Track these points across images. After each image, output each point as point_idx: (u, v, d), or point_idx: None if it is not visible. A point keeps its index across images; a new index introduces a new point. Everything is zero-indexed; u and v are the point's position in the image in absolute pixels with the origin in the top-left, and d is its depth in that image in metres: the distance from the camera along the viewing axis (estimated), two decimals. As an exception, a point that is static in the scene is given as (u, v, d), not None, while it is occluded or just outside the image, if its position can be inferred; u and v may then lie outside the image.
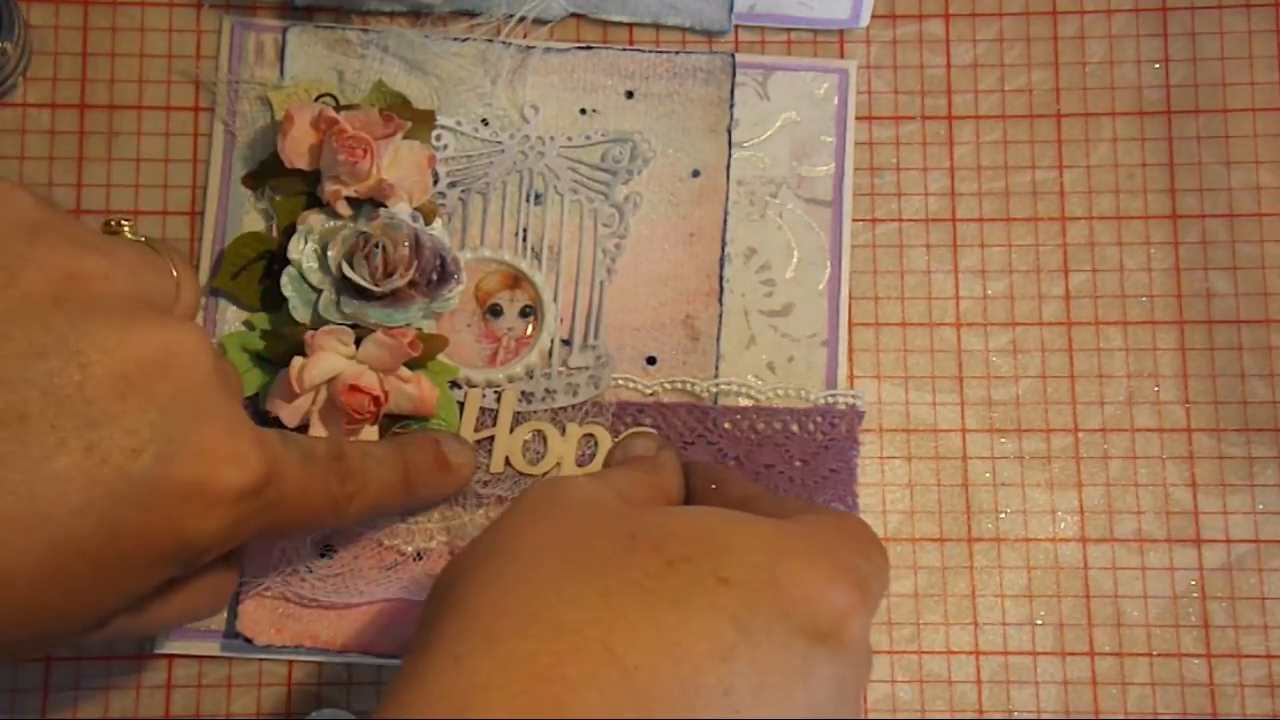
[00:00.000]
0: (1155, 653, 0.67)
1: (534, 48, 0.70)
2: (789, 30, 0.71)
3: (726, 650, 0.43)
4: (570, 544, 0.47)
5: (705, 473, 0.63)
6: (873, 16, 0.71)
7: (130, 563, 0.47)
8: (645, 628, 0.43)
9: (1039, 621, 0.68)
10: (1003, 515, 0.68)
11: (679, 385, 0.68)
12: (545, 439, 0.67)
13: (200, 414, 0.49)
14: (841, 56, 0.71)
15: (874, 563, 0.50)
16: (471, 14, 0.70)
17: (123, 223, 0.58)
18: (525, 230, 0.68)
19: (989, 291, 0.70)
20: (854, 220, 0.70)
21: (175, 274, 0.56)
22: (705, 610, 0.44)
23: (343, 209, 0.65)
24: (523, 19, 0.70)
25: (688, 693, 0.42)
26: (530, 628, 0.43)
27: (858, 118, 0.71)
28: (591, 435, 0.67)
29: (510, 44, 0.70)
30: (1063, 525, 0.68)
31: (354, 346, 0.64)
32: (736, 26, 0.71)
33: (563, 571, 0.45)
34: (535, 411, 0.67)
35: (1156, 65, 0.71)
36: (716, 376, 0.68)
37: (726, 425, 0.67)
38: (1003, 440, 0.69)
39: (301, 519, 0.56)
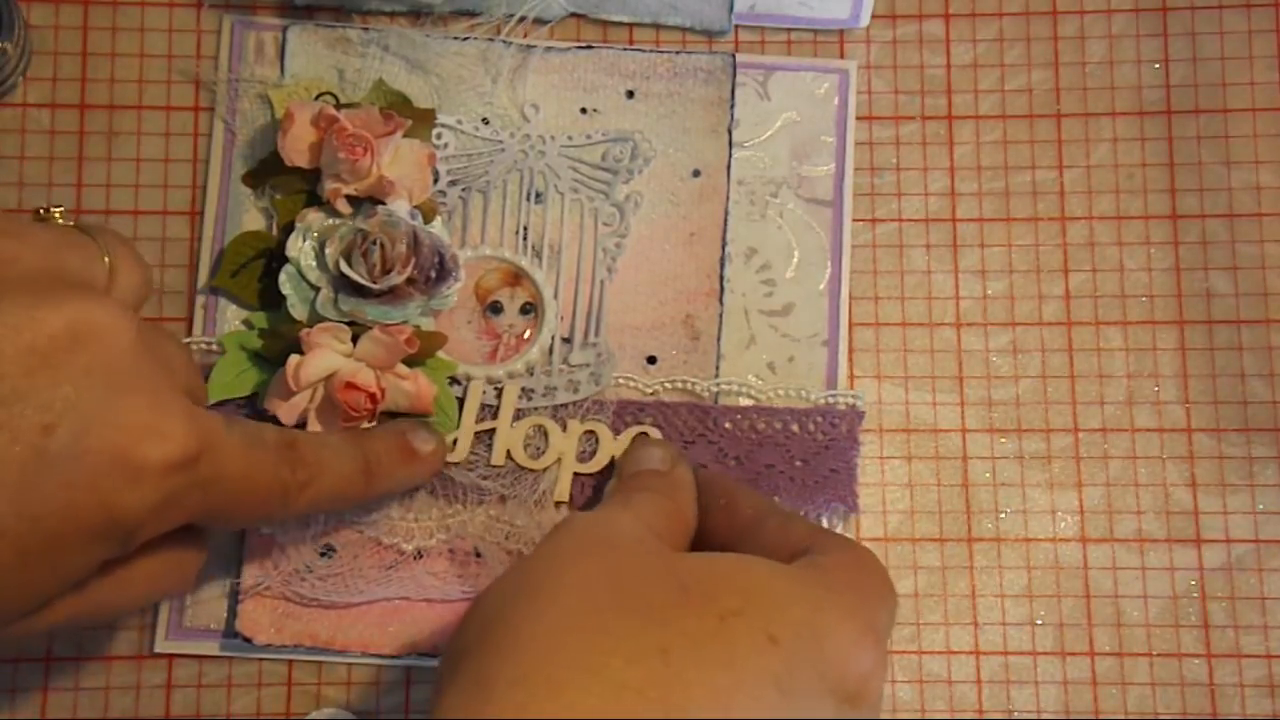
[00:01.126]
0: (1155, 653, 0.67)
1: (534, 47, 0.70)
2: (789, 30, 0.71)
3: (770, 714, 0.43)
4: (622, 589, 0.47)
5: (714, 488, 0.63)
6: (873, 16, 0.71)
7: (58, 543, 0.47)
8: (700, 690, 0.43)
9: (1039, 621, 0.68)
10: (1003, 515, 0.68)
11: (679, 385, 0.68)
12: (546, 434, 0.67)
13: (118, 387, 0.48)
14: (841, 57, 0.71)
15: (888, 609, 0.51)
16: (472, 13, 0.70)
17: (53, 209, 0.57)
18: (526, 229, 0.68)
19: (989, 291, 0.70)
20: (854, 220, 0.70)
21: (107, 259, 0.55)
22: (754, 672, 0.44)
23: (343, 207, 0.65)
24: (523, 19, 0.70)
25: None
26: (592, 683, 0.42)
27: (858, 118, 0.71)
28: (593, 432, 0.66)
29: (511, 43, 0.70)
30: (1063, 525, 0.68)
31: (351, 344, 0.64)
32: (736, 26, 0.71)
33: (619, 620, 0.45)
34: (536, 408, 0.67)
35: (1156, 65, 0.71)
36: (717, 376, 0.68)
37: (727, 425, 0.67)
38: (1003, 440, 0.69)
39: (245, 504, 0.55)
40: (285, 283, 0.65)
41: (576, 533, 0.51)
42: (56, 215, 0.57)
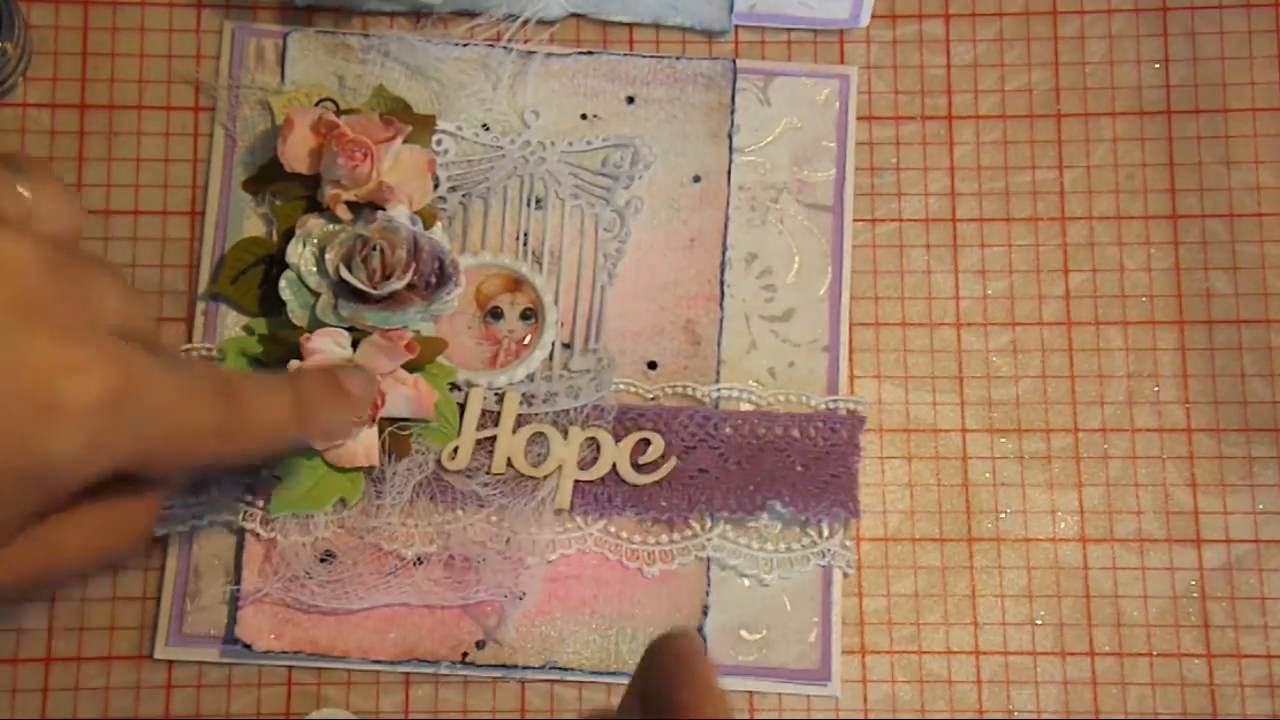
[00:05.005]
0: (1155, 653, 0.67)
1: (535, 53, 0.70)
2: (789, 30, 0.71)
3: None
4: None
5: None
6: (873, 16, 0.71)
7: None
8: None
9: (1039, 621, 0.68)
10: (1003, 515, 0.68)
11: (680, 390, 0.68)
12: (547, 441, 0.66)
13: (28, 323, 0.45)
14: (842, 57, 0.71)
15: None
16: (472, 14, 0.70)
17: None
18: (526, 234, 0.69)
19: (989, 291, 0.70)
20: (854, 220, 0.70)
21: (26, 192, 0.51)
22: None
23: (343, 213, 0.65)
24: (525, 22, 0.70)
25: None
26: None
27: (858, 118, 0.71)
28: (594, 439, 0.67)
29: (511, 49, 0.70)
30: (1063, 525, 0.68)
31: (350, 348, 0.64)
32: (736, 27, 0.71)
33: None
34: (536, 414, 0.67)
35: (1156, 65, 0.71)
36: (717, 381, 0.68)
37: (728, 430, 0.67)
38: (1003, 440, 0.69)
39: (180, 443, 0.51)
40: (285, 288, 0.65)
41: None
42: None
